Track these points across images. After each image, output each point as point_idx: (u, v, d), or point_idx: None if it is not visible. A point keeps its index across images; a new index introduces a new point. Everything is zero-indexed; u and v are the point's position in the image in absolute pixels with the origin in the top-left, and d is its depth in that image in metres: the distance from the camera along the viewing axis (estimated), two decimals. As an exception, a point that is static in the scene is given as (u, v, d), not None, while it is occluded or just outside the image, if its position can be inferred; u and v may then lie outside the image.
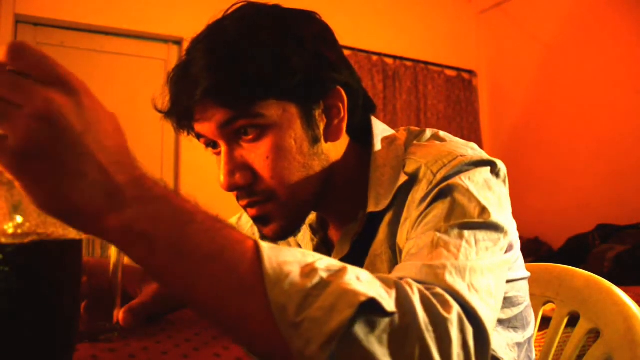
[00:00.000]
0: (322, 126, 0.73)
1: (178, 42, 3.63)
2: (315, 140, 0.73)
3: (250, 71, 0.66)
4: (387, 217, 0.73)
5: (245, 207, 0.76)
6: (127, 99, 3.47)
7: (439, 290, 0.47)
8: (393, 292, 0.44)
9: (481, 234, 0.59)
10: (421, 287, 0.47)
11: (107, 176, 0.40)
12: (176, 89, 0.71)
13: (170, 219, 0.41)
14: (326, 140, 0.74)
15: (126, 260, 0.77)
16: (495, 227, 0.61)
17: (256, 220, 0.76)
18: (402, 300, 0.43)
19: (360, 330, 0.40)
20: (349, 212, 0.79)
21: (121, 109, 3.21)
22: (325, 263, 0.44)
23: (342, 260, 0.78)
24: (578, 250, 3.12)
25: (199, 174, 3.40)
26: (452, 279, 0.50)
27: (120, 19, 3.43)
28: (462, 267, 0.52)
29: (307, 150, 0.72)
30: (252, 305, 0.41)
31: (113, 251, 0.70)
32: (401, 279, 0.50)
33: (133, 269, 0.84)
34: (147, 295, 0.73)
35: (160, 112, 0.75)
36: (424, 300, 0.45)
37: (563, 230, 3.48)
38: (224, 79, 0.66)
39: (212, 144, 0.75)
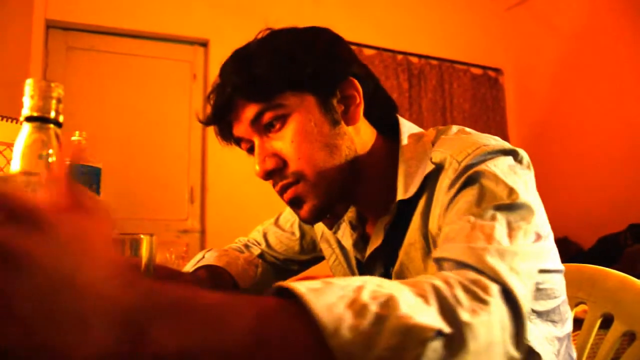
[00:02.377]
0: (340, 111, 0.81)
1: (204, 44, 3.68)
2: (335, 123, 0.80)
3: (267, 69, 0.76)
4: (420, 206, 0.77)
5: (280, 193, 0.82)
6: (155, 100, 3.53)
7: (477, 275, 0.50)
8: (433, 301, 0.44)
9: (512, 215, 0.61)
10: (460, 277, 0.48)
11: (119, 313, 0.32)
12: (213, 100, 0.82)
13: (197, 324, 0.35)
14: (347, 123, 0.81)
15: (158, 259, 0.79)
16: (525, 206, 0.63)
17: (291, 203, 0.82)
18: (444, 307, 0.44)
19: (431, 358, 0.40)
20: (382, 205, 0.83)
21: (149, 110, 3.28)
22: (368, 293, 0.42)
23: (376, 250, 0.82)
24: (609, 251, 3.06)
25: (225, 173, 3.44)
26: (493, 261, 0.52)
27: (147, 22, 3.49)
28: (504, 249, 0.55)
29: (328, 131, 0.79)
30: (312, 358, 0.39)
31: (144, 251, 0.71)
32: (442, 259, 0.56)
33: (165, 269, 0.86)
34: None
35: (202, 122, 0.85)
36: (465, 292, 0.46)
37: (593, 230, 3.41)
38: (246, 78, 0.76)
39: (251, 149, 0.83)
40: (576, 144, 3.99)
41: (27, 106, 0.44)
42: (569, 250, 3.52)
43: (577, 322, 0.98)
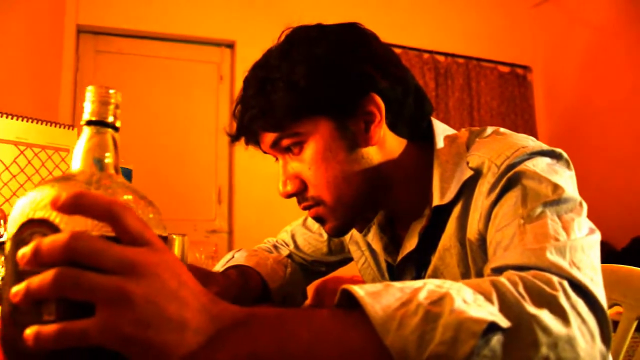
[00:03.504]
0: (359, 132, 0.78)
1: (230, 46, 3.71)
2: (352, 147, 0.77)
3: (281, 99, 0.75)
4: (456, 212, 0.76)
5: (303, 209, 0.83)
6: (182, 101, 3.57)
7: (541, 272, 0.49)
8: (495, 297, 0.45)
9: (562, 209, 0.60)
10: (522, 274, 0.48)
11: (205, 320, 0.41)
12: (236, 117, 0.82)
13: (264, 332, 0.42)
14: (365, 145, 0.78)
15: (189, 259, 0.80)
16: (572, 200, 0.62)
17: (315, 220, 0.83)
18: (507, 302, 0.44)
19: (489, 352, 0.41)
20: (414, 209, 0.82)
21: (176, 111, 3.32)
22: (424, 294, 0.44)
23: (410, 254, 0.81)
24: (644, 251, 2.99)
25: (252, 174, 3.46)
26: (553, 257, 0.51)
27: (174, 25, 3.53)
28: (562, 245, 0.53)
29: (344, 157, 0.77)
30: (370, 357, 0.42)
31: (177, 250, 0.72)
32: (501, 268, 0.54)
33: (196, 270, 0.87)
34: None
35: (229, 135, 0.86)
36: (528, 286, 0.46)
37: (626, 230, 3.34)
38: (261, 109, 0.76)
39: (276, 157, 0.83)
40: (608, 142, 3.90)
41: (87, 111, 0.46)
42: (601, 251, 3.45)
43: (612, 325, 0.96)
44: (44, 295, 0.37)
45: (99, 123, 0.46)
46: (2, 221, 0.96)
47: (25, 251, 0.38)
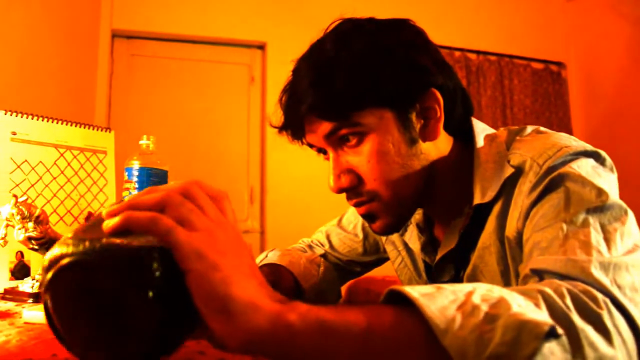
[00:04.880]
0: (419, 127, 0.77)
1: (261, 47, 3.74)
2: (412, 142, 0.76)
3: (346, 87, 0.72)
4: (496, 210, 0.75)
5: (354, 206, 0.81)
6: (214, 103, 3.62)
7: (586, 286, 0.48)
8: (543, 306, 0.44)
9: (605, 217, 0.59)
10: (569, 286, 0.47)
11: (263, 281, 0.44)
12: (286, 107, 0.79)
13: (332, 307, 0.43)
14: (424, 140, 0.77)
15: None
16: (616, 206, 0.61)
17: (364, 217, 0.81)
18: (556, 312, 0.44)
19: (549, 355, 0.41)
20: (454, 208, 0.82)
21: (209, 113, 3.36)
22: (479, 296, 0.44)
23: (449, 253, 0.81)
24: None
25: (284, 173, 3.48)
26: (597, 273, 0.51)
27: (205, 28, 3.58)
28: (607, 262, 0.53)
29: (405, 151, 0.76)
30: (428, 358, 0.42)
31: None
32: (542, 271, 0.54)
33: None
34: None
35: (274, 127, 0.82)
36: (575, 300, 0.46)
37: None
38: (323, 96, 0.73)
39: (322, 151, 0.81)
40: (647, 140, 3.79)
41: None
42: None
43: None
44: (147, 205, 0.42)
45: None
46: (43, 222, 0.99)
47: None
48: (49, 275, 0.41)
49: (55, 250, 0.42)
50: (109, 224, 0.42)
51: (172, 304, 0.40)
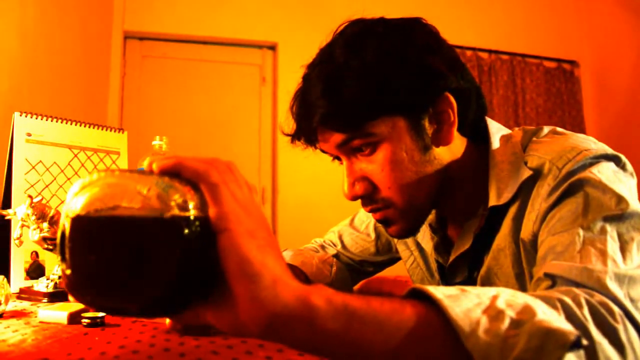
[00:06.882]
0: (431, 132, 0.75)
1: (272, 48, 3.74)
2: (426, 148, 0.75)
3: (357, 97, 0.70)
4: (511, 212, 0.74)
5: (369, 212, 0.81)
6: (226, 103, 3.63)
7: (603, 297, 0.48)
8: (563, 316, 0.44)
9: (624, 226, 0.58)
10: (587, 296, 0.47)
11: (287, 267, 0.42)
12: (297, 117, 0.78)
13: (356, 294, 0.42)
14: (437, 145, 0.76)
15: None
16: (635, 215, 0.60)
17: (380, 222, 0.81)
18: (574, 322, 0.44)
19: None
20: (469, 209, 0.81)
21: (220, 112, 3.36)
22: (503, 301, 0.43)
23: (463, 254, 0.80)
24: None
25: (296, 175, 3.49)
26: (612, 285, 0.51)
27: (216, 29, 3.60)
28: (622, 274, 0.52)
29: (419, 158, 0.75)
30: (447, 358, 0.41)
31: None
32: (556, 277, 0.54)
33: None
34: None
35: (286, 135, 0.81)
36: (593, 312, 0.45)
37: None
38: (334, 107, 0.72)
39: (337, 157, 0.80)
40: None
41: None
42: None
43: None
44: (196, 161, 0.41)
45: None
46: (58, 222, 0.99)
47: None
48: (78, 196, 0.39)
49: (94, 176, 0.40)
50: (160, 162, 0.40)
51: (196, 260, 0.38)
